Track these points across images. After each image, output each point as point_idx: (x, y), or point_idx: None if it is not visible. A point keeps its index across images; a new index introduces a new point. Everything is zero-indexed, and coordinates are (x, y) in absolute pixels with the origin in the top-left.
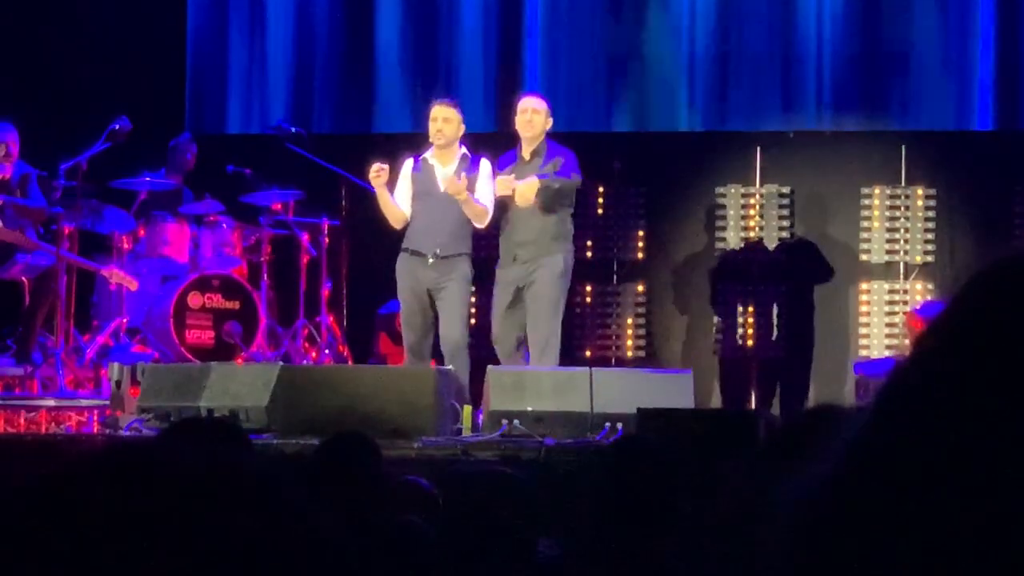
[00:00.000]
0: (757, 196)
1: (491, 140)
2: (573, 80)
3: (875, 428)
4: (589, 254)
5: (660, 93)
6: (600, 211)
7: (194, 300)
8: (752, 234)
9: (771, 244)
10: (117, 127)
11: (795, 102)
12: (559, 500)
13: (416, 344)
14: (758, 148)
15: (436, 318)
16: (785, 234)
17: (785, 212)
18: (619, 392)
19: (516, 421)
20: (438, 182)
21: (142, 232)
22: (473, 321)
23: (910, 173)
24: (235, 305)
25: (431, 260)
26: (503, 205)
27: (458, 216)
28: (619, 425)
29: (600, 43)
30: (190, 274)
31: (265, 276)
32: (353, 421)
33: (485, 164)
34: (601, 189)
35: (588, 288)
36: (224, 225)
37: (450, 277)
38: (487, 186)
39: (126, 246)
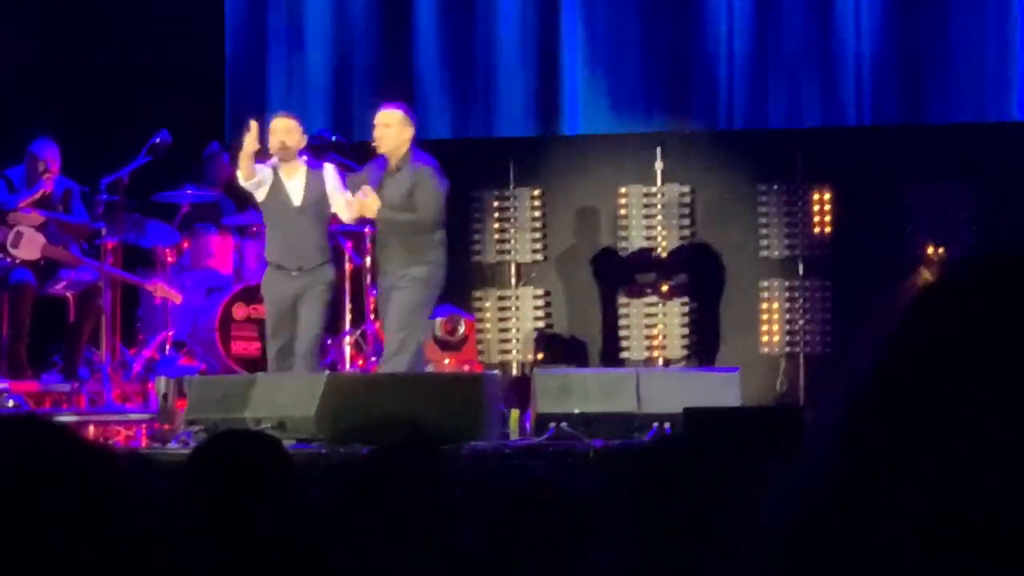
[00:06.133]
0: (799, 193)
1: (533, 144)
2: (613, 81)
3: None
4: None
5: (699, 92)
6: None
7: (239, 311)
8: (795, 230)
9: (813, 241)
10: (158, 141)
11: (834, 99)
12: (609, 508)
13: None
14: (799, 147)
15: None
16: (827, 230)
17: (827, 208)
18: (666, 392)
19: (564, 424)
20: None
21: (186, 245)
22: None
23: (953, 166)
24: None
25: (295, 273)
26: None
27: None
28: (667, 425)
29: (639, 44)
30: (234, 285)
31: None
32: (401, 429)
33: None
34: (644, 190)
35: (631, 288)
36: None
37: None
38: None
39: (170, 259)
